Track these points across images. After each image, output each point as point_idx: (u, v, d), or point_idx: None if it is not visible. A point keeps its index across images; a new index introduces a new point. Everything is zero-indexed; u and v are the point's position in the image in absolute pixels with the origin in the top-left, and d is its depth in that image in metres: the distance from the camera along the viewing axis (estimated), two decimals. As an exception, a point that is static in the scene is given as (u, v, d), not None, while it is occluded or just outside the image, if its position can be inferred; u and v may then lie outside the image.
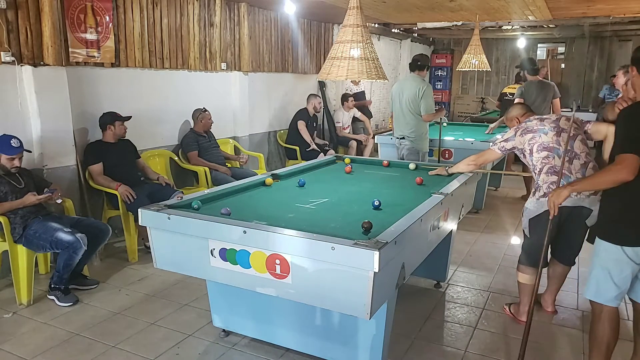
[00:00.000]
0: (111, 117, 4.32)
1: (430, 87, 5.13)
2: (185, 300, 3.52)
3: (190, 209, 2.65)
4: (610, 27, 9.32)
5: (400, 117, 5.19)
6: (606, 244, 2.31)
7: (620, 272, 2.28)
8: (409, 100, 5.05)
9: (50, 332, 3.11)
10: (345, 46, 3.15)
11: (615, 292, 2.32)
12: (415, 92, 5.00)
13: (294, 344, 2.78)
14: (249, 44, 6.26)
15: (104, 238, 3.79)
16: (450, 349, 2.97)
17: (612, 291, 2.32)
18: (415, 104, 5.02)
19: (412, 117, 5.08)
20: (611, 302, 2.34)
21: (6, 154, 3.39)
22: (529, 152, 3.13)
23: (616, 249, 2.26)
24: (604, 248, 2.33)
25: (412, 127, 5.10)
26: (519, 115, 3.39)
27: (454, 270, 4.09)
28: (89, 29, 4.35)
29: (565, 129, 3.02)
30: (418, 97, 4.99)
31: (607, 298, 2.35)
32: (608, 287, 2.32)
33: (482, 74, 12.54)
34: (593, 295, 2.39)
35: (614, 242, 2.28)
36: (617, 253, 2.26)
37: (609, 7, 6.53)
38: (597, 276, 2.35)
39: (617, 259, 2.27)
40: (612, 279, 2.30)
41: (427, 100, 4.99)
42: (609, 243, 2.30)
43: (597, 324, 2.41)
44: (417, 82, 5.09)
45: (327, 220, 2.60)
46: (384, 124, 10.45)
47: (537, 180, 3.09)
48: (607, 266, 2.31)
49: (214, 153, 5.36)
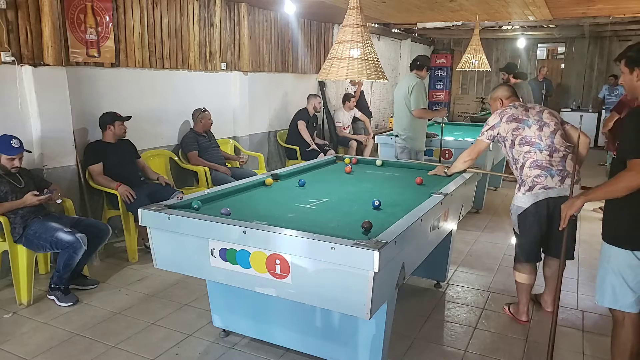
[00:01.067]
0: (111, 117, 4.32)
1: (421, 84, 5.14)
2: (185, 300, 3.52)
3: (190, 209, 2.65)
4: (610, 27, 9.32)
5: (395, 116, 5.28)
6: (617, 250, 2.26)
7: (635, 277, 2.24)
8: (401, 97, 5.13)
9: (50, 332, 3.11)
10: (345, 46, 3.15)
11: (633, 298, 2.27)
12: (406, 89, 5.07)
13: (294, 344, 2.79)
14: (249, 44, 6.26)
15: (104, 238, 3.79)
16: (450, 349, 2.97)
17: (630, 297, 2.27)
18: (407, 101, 5.07)
19: (404, 115, 5.13)
20: (631, 307, 2.29)
21: (6, 154, 3.39)
22: (510, 143, 3.12)
23: (628, 254, 2.22)
24: (614, 254, 2.27)
25: (405, 126, 5.15)
26: (504, 97, 3.34)
27: (454, 270, 4.09)
28: (89, 29, 4.35)
29: (547, 123, 3.05)
30: (408, 93, 5.04)
31: (625, 304, 2.29)
32: (625, 293, 2.27)
33: (482, 74, 12.54)
34: (611, 303, 2.34)
35: (626, 247, 2.23)
36: (630, 258, 2.22)
37: (609, 7, 6.53)
38: (612, 283, 2.30)
39: (630, 264, 2.23)
40: (628, 284, 2.26)
41: (415, 96, 5.02)
42: (620, 249, 2.25)
43: (620, 330, 2.35)
44: (410, 79, 5.16)
45: (327, 220, 2.60)
46: (384, 124, 10.45)
47: (520, 175, 3.10)
48: (621, 272, 2.26)
49: (214, 153, 5.36)
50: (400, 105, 5.17)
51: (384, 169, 4.06)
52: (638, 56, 2.23)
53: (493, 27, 10.32)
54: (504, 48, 12.29)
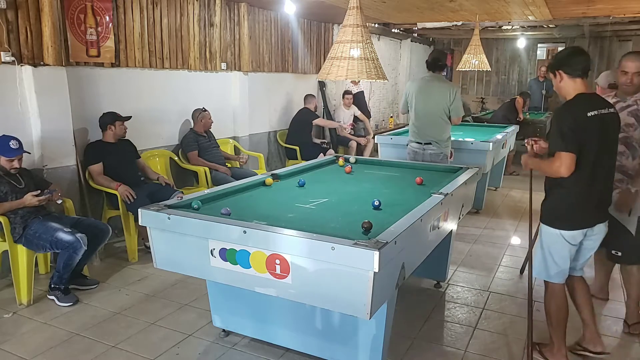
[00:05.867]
0: (111, 117, 4.31)
1: (459, 90, 4.83)
2: (185, 300, 3.52)
3: (190, 209, 2.65)
4: (610, 27, 9.31)
5: (427, 122, 4.64)
6: (547, 229, 2.65)
7: (560, 252, 2.63)
8: (440, 104, 4.57)
9: (50, 332, 3.11)
10: (345, 46, 3.16)
11: (557, 270, 2.67)
12: (447, 96, 4.53)
13: (294, 344, 2.79)
14: (249, 44, 6.26)
15: (104, 238, 3.79)
16: (450, 349, 2.97)
17: (555, 269, 2.67)
18: (447, 108, 4.57)
19: (442, 121, 4.62)
20: (556, 278, 2.69)
21: (5, 156, 3.39)
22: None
23: (556, 233, 2.61)
24: (545, 232, 2.67)
25: (442, 132, 4.66)
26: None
27: (454, 270, 4.09)
28: (89, 29, 4.35)
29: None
30: (449, 100, 4.53)
31: (552, 275, 2.69)
32: (552, 266, 2.67)
33: (482, 74, 12.55)
34: (542, 275, 2.74)
35: (555, 227, 2.62)
36: (557, 237, 2.61)
37: (609, 7, 6.53)
38: (544, 257, 2.70)
39: (557, 241, 2.62)
40: (554, 259, 2.65)
41: (459, 104, 4.62)
42: (550, 228, 2.64)
43: (549, 298, 2.74)
44: (448, 85, 4.68)
45: (327, 220, 2.60)
46: (384, 124, 10.45)
47: None
48: (550, 248, 2.66)
49: (214, 153, 5.36)
50: (439, 112, 4.58)
51: (384, 169, 4.06)
52: (555, 62, 2.61)
53: (493, 27, 10.32)
54: (504, 48, 12.30)
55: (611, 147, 2.58)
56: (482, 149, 5.33)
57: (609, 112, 2.52)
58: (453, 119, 4.63)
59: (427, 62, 4.73)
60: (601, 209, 2.65)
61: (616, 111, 2.62)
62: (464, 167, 3.83)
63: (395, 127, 9.42)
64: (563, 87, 2.59)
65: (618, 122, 2.62)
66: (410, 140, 4.81)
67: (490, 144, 5.33)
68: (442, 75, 4.79)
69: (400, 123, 10.34)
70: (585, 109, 2.46)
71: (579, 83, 2.55)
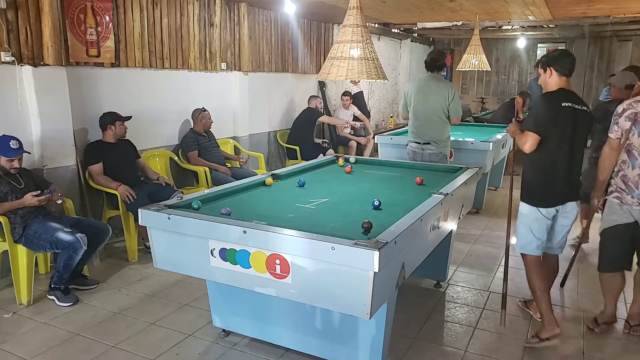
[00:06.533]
0: (111, 117, 4.31)
1: (458, 90, 4.84)
2: (185, 300, 3.52)
3: (190, 209, 2.65)
4: (610, 27, 9.30)
5: (425, 122, 4.66)
6: (526, 206, 2.98)
7: (538, 227, 2.96)
8: (438, 104, 4.59)
9: (50, 332, 3.11)
10: (345, 46, 3.15)
11: (537, 243, 2.99)
12: (445, 96, 4.56)
13: (294, 344, 2.79)
14: (249, 44, 6.26)
15: (104, 238, 3.79)
16: (450, 349, 2.97)
17: (534, 242, 2.99)
18: (446, 108, 4.59)
19: (441, 121, 4.64)
20: (534, 251, 3.01)
21: (5, 156, 3.39)
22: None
23: (533, 209, 2.95)
24: (524, 209, 3.00)
25: (441, 132, 4.68)
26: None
27: (454, 270, 4.09)
28: (89, 29, 4.35)
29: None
30: (448, 100, 4.56)
31: (531, 249, 3.00)
32: (531, 240, 2.99)
33: (482, 74, 12.54)
34: (521, 248, 3.05)
35: (532, 204, 2.95)
36: (535, 213, 2.95)
37: (609, 7, 6.53)
38: (523, 232, 3.02)
39: (535, 217, 2.95)
40: (533, 233, 2.97)
41: (458, 104, 4.65)
42: (528, 205, 2.97)
43: (529, 271, 3.02)
44: (446, 84, 4.70)
45: (327, 220, 2.60)
46: (384, 124, 10.45)
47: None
48: (529, 224, 2.98)
49: (214, 153, 5.36)
50: (437, 112, 4.60)
51: (384, 169, 4.06)
52: (547, 60, 2.90)
53: (493, 27, 10.32)
54: (504, 48, 12.29)
55: (575, 138, 2.86)
56: (482, 149, 5.33)
57: (581, 108, 2.85)
58: (452, 119, 4.64)
59: (425, 62, 4.76)
60: (570, 188, 2.96)
61: (589, 110, 2.92)
62: (464, 167, 3.83)
63: (395, 127, 9.41)
64: (550, 82, 2.91)
65: (590, 119, 2.93)
66: (410, 140, 4.82)
67: (490, 144, 5.33)
68: (441, 75, 4.79)
69: (400, 123, 10.34)
70: (561, 100, 2.83)
71: (564, 80, 2.89)
